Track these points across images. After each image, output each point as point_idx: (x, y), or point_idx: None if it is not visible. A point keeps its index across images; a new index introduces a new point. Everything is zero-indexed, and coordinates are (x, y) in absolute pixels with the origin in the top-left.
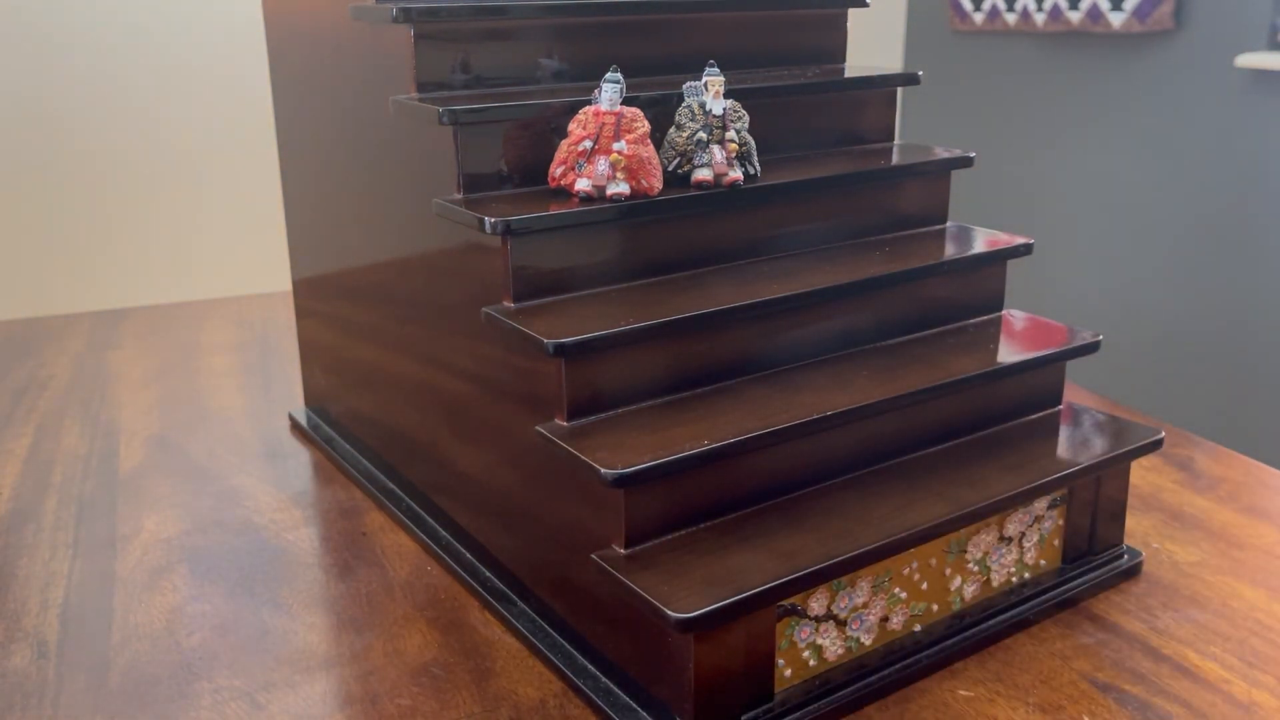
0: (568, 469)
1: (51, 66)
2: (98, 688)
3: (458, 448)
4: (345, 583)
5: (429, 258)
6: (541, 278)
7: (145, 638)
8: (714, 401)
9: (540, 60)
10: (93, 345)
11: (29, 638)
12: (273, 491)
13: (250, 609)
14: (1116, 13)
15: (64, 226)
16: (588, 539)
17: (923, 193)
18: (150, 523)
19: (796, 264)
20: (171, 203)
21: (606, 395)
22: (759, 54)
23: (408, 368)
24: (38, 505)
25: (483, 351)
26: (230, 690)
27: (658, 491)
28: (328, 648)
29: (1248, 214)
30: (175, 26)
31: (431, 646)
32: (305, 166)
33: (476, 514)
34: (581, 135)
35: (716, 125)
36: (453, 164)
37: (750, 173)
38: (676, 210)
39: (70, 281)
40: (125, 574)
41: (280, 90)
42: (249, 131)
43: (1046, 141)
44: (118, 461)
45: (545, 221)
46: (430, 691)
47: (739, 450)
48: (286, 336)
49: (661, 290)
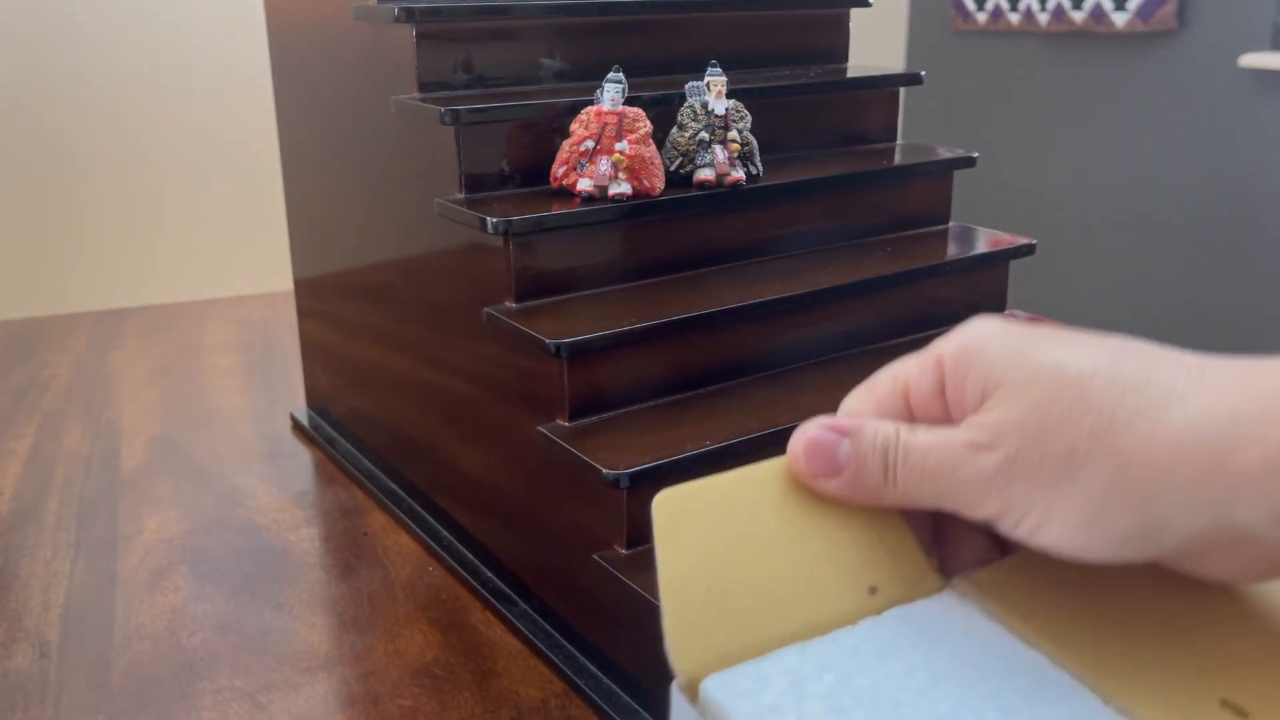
0: (569, 469)
1: (53, 66)
2: (99, 688)
3: (459, 448)
4: (346, 583)
5: (431, 258)
6: (543, 278)
7: (147, 638)
8: (716, 402)
9: (542, 60)
10: (94, 345)
11: (30, 638)
12: (274, 492)
13: (252, 609)
14: (1120, 13)
15: (65, 226)
16: (589, 539)
17: (925, 193)
18: (152, 523)
19: (799, 264)
20: (173, 202)
21: (608, 395)
22: (761, 54)
23: (409, 368)
24: (39, 505)
25: (484, 351)
26: (232, 690)
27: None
28: (329, 648)
29: (1251, 214)
30: (177, 26)
31: (433, 647)
32: (307, 166)
33: (478, 514)
34: (583, 135)
35: (719, 125)
36: (454, 164)
37: (752, 173)
38: (679, 210)
39: (72, 281)
40: (127, 574)
41: (282, 90)
42: (251, 131)
43: (1049, 141)
44: (119, 461)
45: (547, 221)
46: (431, 692)
47: (741, 451)
48: (288, 336)
49: (663, 290)
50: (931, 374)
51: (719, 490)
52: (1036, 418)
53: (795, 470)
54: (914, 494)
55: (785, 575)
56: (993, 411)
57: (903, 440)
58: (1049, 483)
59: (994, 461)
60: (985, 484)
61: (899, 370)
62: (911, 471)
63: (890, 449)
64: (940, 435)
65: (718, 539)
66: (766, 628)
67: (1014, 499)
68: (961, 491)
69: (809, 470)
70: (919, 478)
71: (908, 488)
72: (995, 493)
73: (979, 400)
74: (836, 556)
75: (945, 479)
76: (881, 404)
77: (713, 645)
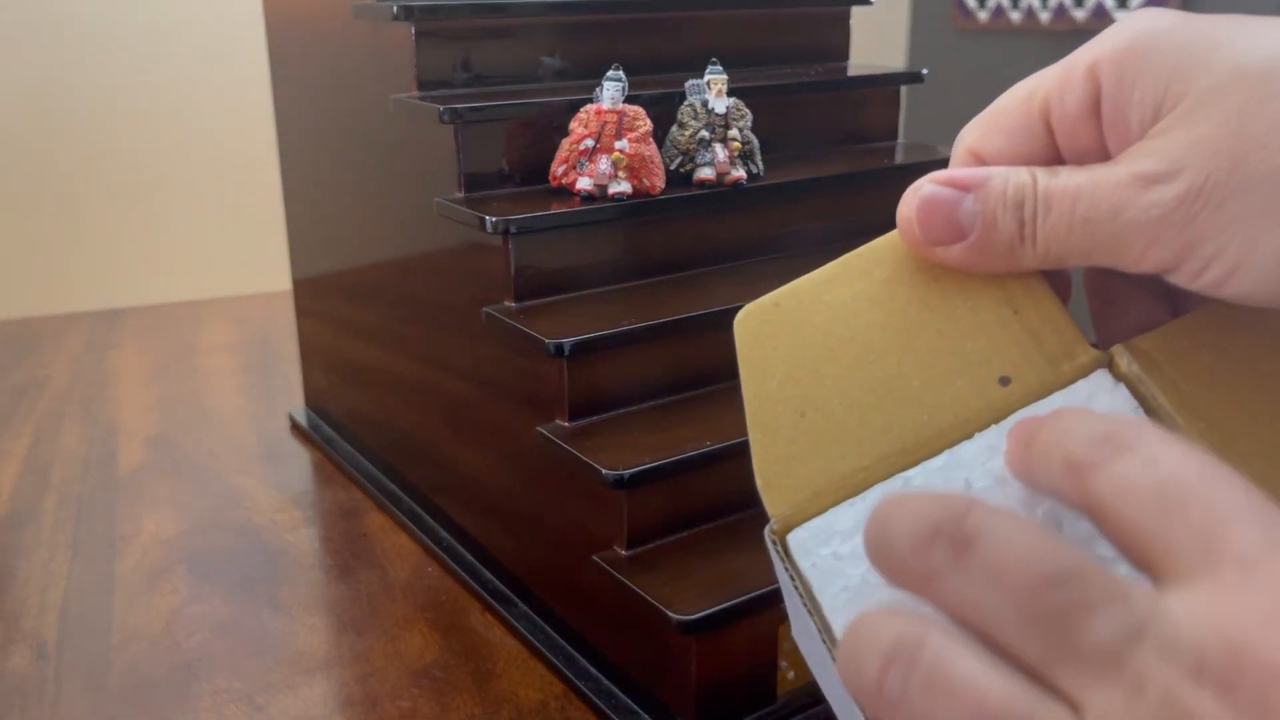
0: (569, 470)
1: (49, 65)
2: (97, 689)
3: (458, 448)
4: (345, 584)
5: (429, 257)
6: (543, 277)
7: (145, 639)
8: (717, 402)
9: (542, 58)
10: (92, 345)
11: (28, 639)
12: (272, 492)
13: (250, 610)
14: (1122, 11)
15: (62, 225)
16: (589, 540)
17: None
18: (150, 523)
19: (800, 263)
20: (171, 201)
21: (608, 395)
22: (761, 52)
23: (408, 368)
24: (37, 506)
25: (483, 351)
26: (230, 692)
27: (660, 492)
28: (328, 649)
29: None
30: (174, 24)
31: (432, 648)
32: (305, 165)
33: (477, 515)
34: (583, 134)
35: (719, 124)
36: (454, 163)
37: (753, 172)
38: (679, 209)
39: (69, 281)
40: (125, 575)
41: (280, 88)
42: (249, 130)
43: None
44: (117, 462)
45: (547, 221)
46: (431, 693)
47: (742, 451)
48: (286, 336)
49: (664, 290)
50: (1081, 87)
51: (810, 293)
52: (1232, 132)
53: (907, 239)
54: (1059, 252)
55: (894, 379)
56: (1172, 131)
57: (1042, 187)
58: (1249, 213)
59: (1172, 194)
60: (1157, 225)
61: (1032, 88)
62: (1057, 225)
63: (1027, 200)
64: (1092, 174)
65: (810, 352)
66: (873, 448)
67: (1198, 239)
68: (1125, 239)
69: (925, 237)
70: (1066, 231)
71: (1051, 245)
72: (1172, 234)
73: (1151, 116)
74: (958, 345)
75: (1102, 227)
76: (1012, 137)
77: (809, 481)
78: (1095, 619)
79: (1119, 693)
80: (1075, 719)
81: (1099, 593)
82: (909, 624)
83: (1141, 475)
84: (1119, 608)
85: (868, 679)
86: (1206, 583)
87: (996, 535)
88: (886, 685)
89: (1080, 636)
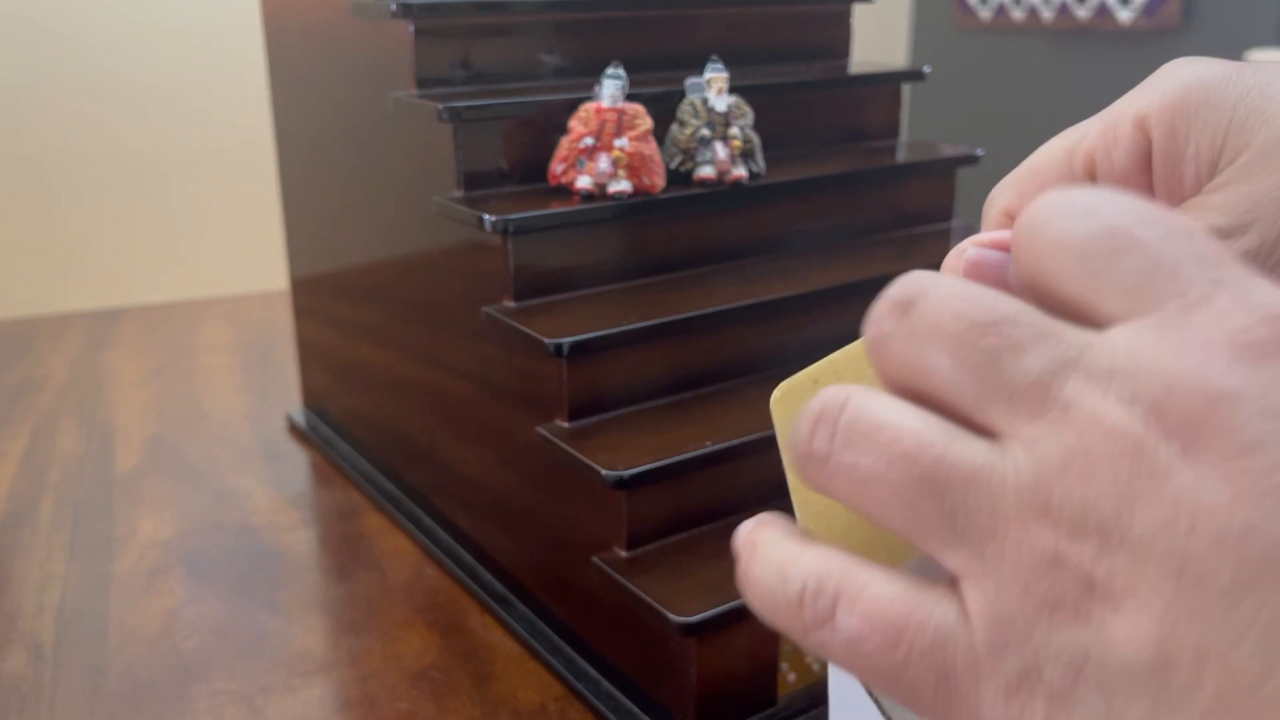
0: (568, 470)
1: (46, 64)
2: (94, 691)
3: (457, 449)
4: (343, 585)
5: (428, 256)
6: (542, 277)
7: (142, 640)
8: (717, 402)
9: (541, 56)
10: (89, 345)
11: (25, 640)
12: (270, 493)
13: (248, 612)
14: (1124, 9)
15: (60, 225)
16: (588, 541)
17: (929, 190)
18: (147, 524)
19: (801, 263)
20: (168, 201)
21: (608, 396)
22: (762, 50)
23: (407, 368)
24: (34, 506)
25: (482, 351)
26: (227, 694)
27: (660, 493)
28: (326, 651)
29: None
30: (172, 23)
31: (430, 650)
32: (303, 164)
33: (476, 516)
34: (583, 132)
35: (720, 122)
36: (452, 161)
37: (754, 170)
38: (679, 208)
39: (66, 280)
40: (122, 576)
41: (278, 87)
42: (246, 129)
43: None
44: (114, 462)
45: (546, 220)
46: (429, 695)
47: (742, 452)
48: (284, 336)
49: (664, 289)
50: (1130, 140)
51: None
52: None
53: None
54: None
55: None
56: (1235, 185)
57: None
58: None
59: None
60: None
61: (1073, 143)
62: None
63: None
64: None
65: None
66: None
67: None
68: None
69: None
70: None
71: None
72: None
73: (1209, 170)
74: None
75: None
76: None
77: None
78: (1026, 356)
79: (1045, 422)
80: (995, 448)
81: (1030, 332)
82: (836, 389)
83: (1077, 227)
84: (1051, 343)
85: (801, 444)
86: (1144, 319)
87: (934, 294)
88: (815, 445)
89: (1009, 374)
